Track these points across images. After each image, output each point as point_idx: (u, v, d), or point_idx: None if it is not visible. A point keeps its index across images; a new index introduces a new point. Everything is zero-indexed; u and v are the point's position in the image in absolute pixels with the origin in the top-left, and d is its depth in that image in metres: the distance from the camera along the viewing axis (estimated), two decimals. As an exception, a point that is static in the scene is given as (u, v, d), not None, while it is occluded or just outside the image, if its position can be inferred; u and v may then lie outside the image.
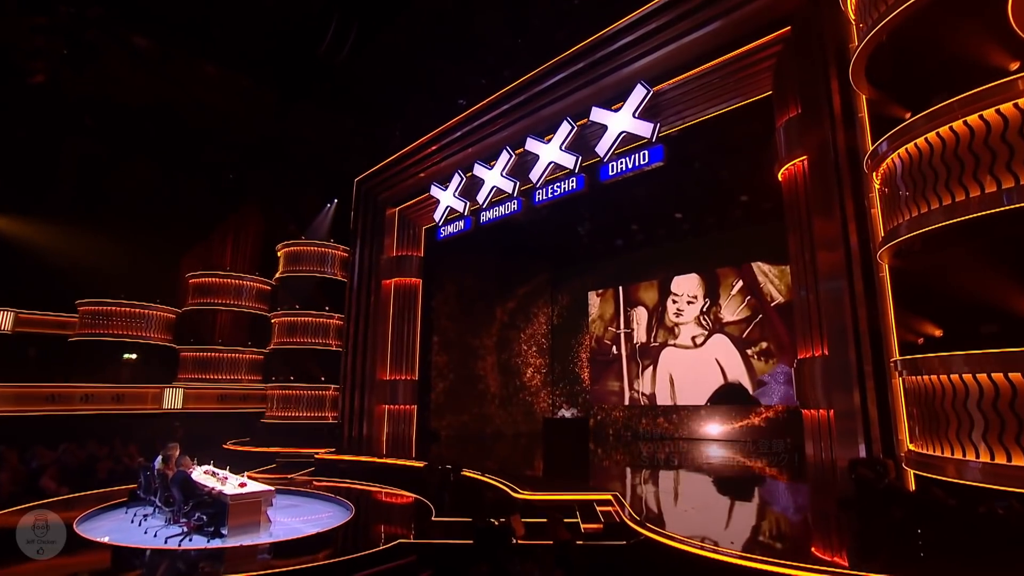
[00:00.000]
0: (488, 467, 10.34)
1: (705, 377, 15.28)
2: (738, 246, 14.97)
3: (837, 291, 7.54)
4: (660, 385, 16.42)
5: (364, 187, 16.86)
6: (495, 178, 13.09)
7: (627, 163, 10.89)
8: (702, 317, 15.70)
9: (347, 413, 15.54)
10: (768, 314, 14.32)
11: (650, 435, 16.15)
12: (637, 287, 17.56)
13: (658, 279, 16.96)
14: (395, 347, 15.39)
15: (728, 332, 15.07)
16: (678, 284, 16.48)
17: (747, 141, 11.81)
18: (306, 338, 16.65)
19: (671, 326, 16.45)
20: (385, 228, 16.32)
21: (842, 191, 7.42)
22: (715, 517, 7.03)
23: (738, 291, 14.96)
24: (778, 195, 12.86)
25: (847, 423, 7.24)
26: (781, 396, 13.56)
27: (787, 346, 13.75)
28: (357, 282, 16.24)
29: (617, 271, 17.91)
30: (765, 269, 14.48)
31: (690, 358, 15.80)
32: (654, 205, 15.23)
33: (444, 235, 14.43)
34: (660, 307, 16.83)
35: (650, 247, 17.02)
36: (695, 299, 15.95)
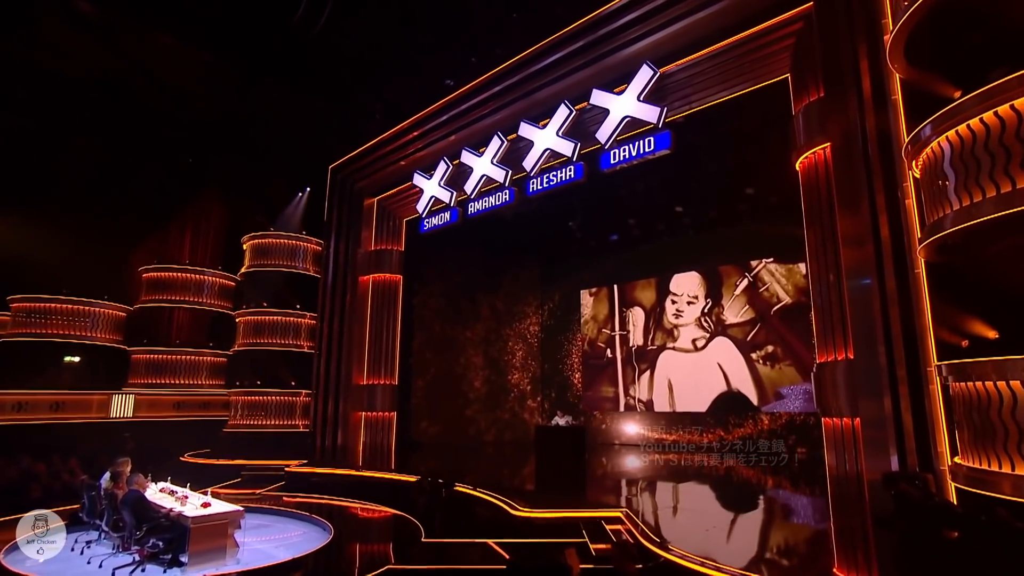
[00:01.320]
0: (480, 480, 9.99)
1: (706, 383, 15.16)
2: (743, 243, 14.89)
3: (865, 290, 7.32)
4: (658, 391, 16.27)
5: (340, 175, 16.43)
6: (485, 166, 12.73)
7: (630, 150, 10.58)
8: (703, 319, 15.59)
9: (320, 421, 15.10)
10: (775, 316, 14.25)
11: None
12: (633, 286, 17.40)
13: (656, 277, 16.83)
14: (373, 349, 15.02)
15: (731, 335, 14.97)
16: (677, 283, 16.36)
17: (757, 129, 11.64)
18: (275, 339, 16.14)
19: (670, 328, 16.32)
20: (363, 220, 15.91)
21: (871, 181, 7.21)
22: (741, 537, 6.74)
23: (742, 291, 14.87)
24: (788, 188, 12.74)
25: (876, 432, 7.03)
26: (798, 409, 13.43)
27: (795, 350, 13.69)
28: (332, 278, 15.81)
29: (612, 268, 17.74)
30: (772, 268, 14.40)
31: (690, 362, 15.68)
32: (652, 198, 15.04)
33: (428, 228, 14.07)
34: (658, 308, 16.70)
35: (648, 243, 16.87)
36: (696, 299, 15.83)
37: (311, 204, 17.45)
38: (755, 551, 6.10)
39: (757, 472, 11.64)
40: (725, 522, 7.53)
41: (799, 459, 12.66)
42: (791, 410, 13.55)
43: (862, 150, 7.33)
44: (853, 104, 7.48)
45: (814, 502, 8.46)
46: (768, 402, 14.05)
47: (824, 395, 8.04)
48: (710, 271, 15.67)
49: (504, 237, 17.21)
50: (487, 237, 17.03)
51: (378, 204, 16.14)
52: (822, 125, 8.24)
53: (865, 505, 7.15)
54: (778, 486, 10.27)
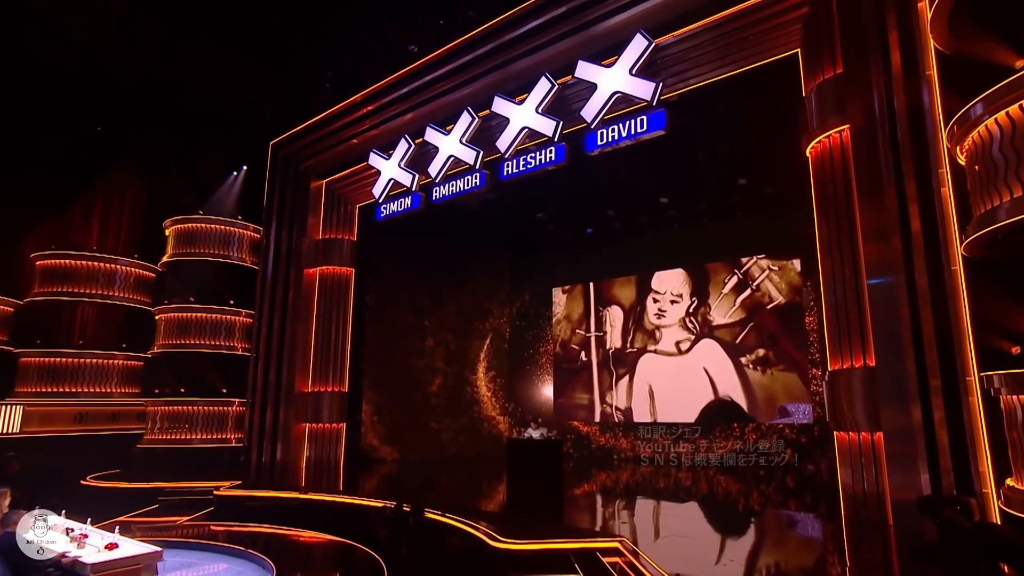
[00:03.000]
0: (447, 502, 9.20)
1: (691, 389, 15.04)
2: (732, 237, 14.83)
3: (889, 288, 7.07)
4: (637, 398, 16.08)
5: (282, 152, 15.65)
6: (453, 146, 12.19)
7: (620, 131, 10.16)
8: (688, 319, 15.47)
9: (257, 434, 14.35)
10: (767, 317, 14.19)
11: (629, 457, 15.75)
12: (611, 283, 17.20)
13: (637, 274, 16.68)
14: (320, 351, 14.47)
15: (719, 337, 14.87)
16: (660, 280, 16.21)
17: (756, 112, 11.46)
18: (203, 339, 15.32)
19: (651, 329, 16.15)
20: (309, 204, 15.23)
21: (900, 167, 6.96)
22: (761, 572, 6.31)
23: (731, 289, 14.80)
24: (785, 178, 12.92)
25: (901, 449, 6.79)
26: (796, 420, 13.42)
27: (789, 354, 13.64)
28: (272, 270, 15.07)
29: (588, 264, 17.53)
30: (764, 264, 14.35)
31: (673, 367, 15.54)
32: (635, 187, 14.71)
33: (385, 215, 13.46)
34: (638, 307, 16.53)
35: (628, 236, 16.69)
36: (680, 298, 15.71)
37: (248, 185, 16.57)
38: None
39: (752, 488, 11.46)
40: (750, 554, 7.12)
41: (799, 474, 12.61)
42: (788, 421, 13.52)
43: (888, 133, 7.07)
44: (879, 81, 7.21)
45: (823, 524, 8.16)
46: (758, 411, 13.97)
47: (838, 407, 7.79)
48: (696, 267, 15.58)
49: (471, 228, 16.77)
50: (452, 227, 16.57)
51: (327, 187, 15.48)
52: (840, 105, 7.99)
53: (889, 530, 6.87)
54: (780, 505, 10.06)
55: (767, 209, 13.98)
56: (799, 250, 13.58)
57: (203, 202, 16.25)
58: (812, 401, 13.13)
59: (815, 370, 13.15)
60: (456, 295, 17.94)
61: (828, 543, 7.36)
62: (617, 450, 16.06)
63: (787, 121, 11.13)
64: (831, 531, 7.66)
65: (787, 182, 12.85)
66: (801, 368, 13.42)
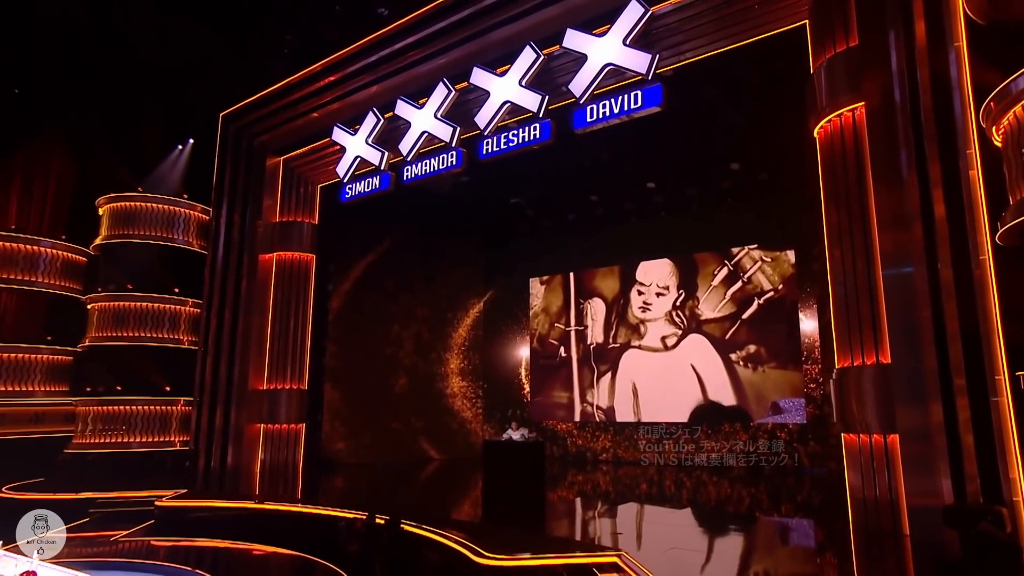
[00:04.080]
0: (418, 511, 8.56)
1: (678, 387, 14.93)
2: (723, 226, 14.73)
3: (907, 280, 6.88)
4: (620, 397, 15.90)
5: (234, 125, 15.12)
6: (427, 121, 11.83)
7: (612, 107, 9.88)
8: (675, 313, 15.34)
9: (205, 436, 13.98)
10: (759, 311, 14.10)
11: (613, 459, 15.64)
12: (593, 274, 17.01)
13: (620, 264, 16.49)
14: (277, 345, 14.13)
15: (707, 332, 14.77)
16: (645, 271, 16.03)
17: (754, 90, 11.30)
18: (143, 331, 14.66)
19: (635, 323, 15.98)
20: (265, 183, 14.79)
21: (922, 148, 6.73)
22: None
23: (721, 282, 14.70)
24: (780, 163, 12.92)
25: (920, 452, 6.63)
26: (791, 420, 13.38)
27: (782, 351, 13.61)
28: (223, 255, 14.64)
29: (568, 253, 17.31)
30: (756, 255, 14.28)
31: (659, 363, 15.40)
32: (620, 170, 14.59)
33: (351, 196, 13.11)
34: (622, 299, 16.34)
35: (612, 224, 16.52)
36: (666, 290, 15.56)
37: (196, 160, 15.93)
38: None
39: (748, 493, 11.34)
40: (745, 568, 6.85)
41: (795, 476, 12.58)
42: (780, 421, 13.47)
43: (909, 112, 6.84)
44: (900, 54, 7.00)
45: (830, 533, 7.98)
46: (749, 410, 13.91)
47: (846, 407, 7.61)
48: (684, 258, 15.43)
49: (443, 213, 16.44)
50: (423, 212, 16.25)
51: (285, 165, 15.01)
52: (853, 81, 7.77)
53: (904, 540, 6.70)
54: (780, 512, 9.94)
55: (761, 196, 13.90)
56: (794, 240, 13.54)
57: (142, 178, 15.51)
58: (805, 400, 13.10)
59: (809, 367, 13.13)
60: (427, 286, 17.61)
61: (840, 555, 7.15)
62: (598, 451, 15.92)
63: (787, 101, 11.00)
64: (840, 541, 7.45)
65: (783, 168, 12.92)
66: (795, 365, 13.38)
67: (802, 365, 13.23)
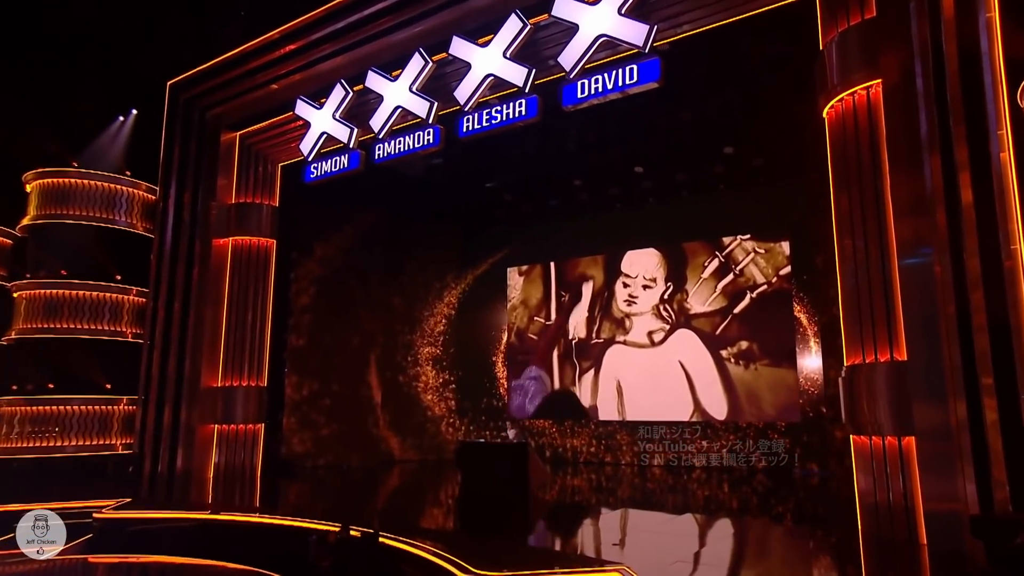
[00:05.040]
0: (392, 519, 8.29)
1: (664, 385, 14.83)
2: (714, 214, 14.62)
3: (927, 271, 6.72)
4: (604, 395, 15.75)
5: (184, 96, 14.58)
6: (401, 95, 11.43)
7: (605, 82, 9.60)
8: (662, 306, 15.19)
9: (151, 439, 13.55)
10: (751, 305, 14.03)
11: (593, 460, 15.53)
12: (575, 264, 16.81)
13: (604, 254, 16.30)
14: (233, 338, 13.78)
15: (696, 327, 14.67)
16: (631, 262, 15.85)
17: (753, 68, 11.16)
18: (80, 323, 14.29)
19: (620, 317, 15.83)
20: (219, 161, 14.33)
21: (947, 130, 6.57)
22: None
23: (711, 274, 14.61)
24: (776, 148, 12.84)
25: (939, 455, 6.49)
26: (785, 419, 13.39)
27: (775, 348, 13.56)
28: (172, 240, 14.17)
29: (549, 242, 17.05)
30: (749, 246, 14.20)
31: (645, 360, 15.26)
32: (606, 153, 14.45)
33: (316, 176, 12.73)
34: (606, 292, 16.16)
35: (596, 211, 16.31)
36: (653, 282, 15.41)
37: (140, 134, 15.40)
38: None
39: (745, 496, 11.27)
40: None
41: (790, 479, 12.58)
42: (774, 420, 13.45)
43: (935, 88, 6.65)
44: (923, 25, 6.81)
45: (839, 541, 7.85)
46: (740, 409, 13.86)
47: (856, 407, 7.46)
48: (672, 248, 15.26)
49: (415, 196, 16.12)
50: (394, 195, 15.91)
51: (242, 141, 14.55)
52: (869, 57, 7.55)
53: (921, 550, 6.56)
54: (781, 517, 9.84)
55: (755, 183, 13.82)
56: (789, 231, 13.50)
57: (78, 152, 14.92)
58: (800, 399, 13.08)
59: (804, 364, 13.11)
60: (397, 275, 17.34)
61: (852, 565, 6.98)
62: (580, 451, 15.80)
63: (788, 80, 10.94)
64: (849, 550, 7.30)
65: (780, 153, 12.86)
66: (789, 363, 13.35)
67: (797, 363, 13.19)
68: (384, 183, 14.79)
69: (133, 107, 15.27)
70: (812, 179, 12.30)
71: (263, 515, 9.75)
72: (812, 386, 12.90)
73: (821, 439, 12.42)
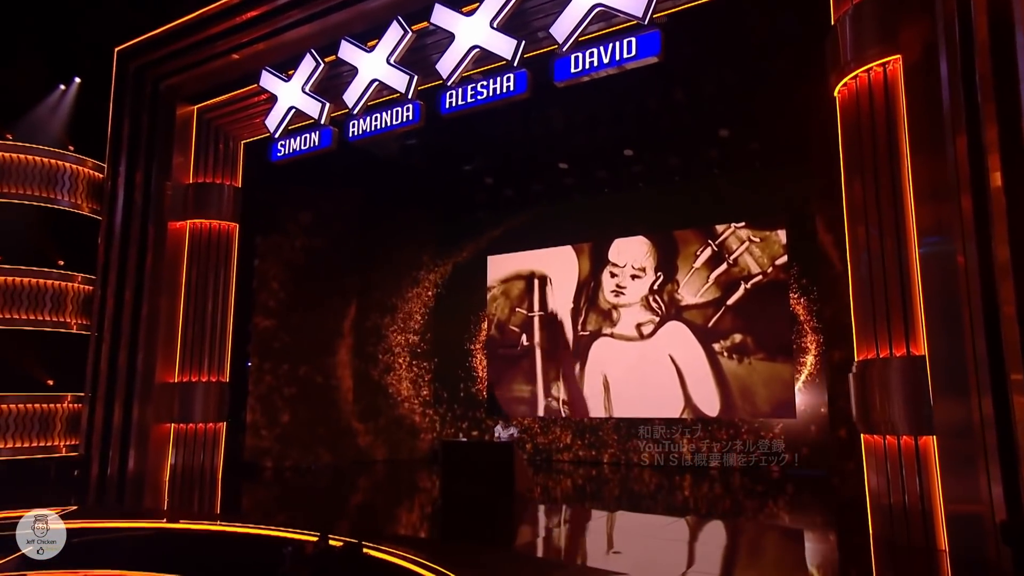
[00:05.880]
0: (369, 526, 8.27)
1: (654, 380, 14.77)
2: (708, 201, 14.57)
3: (949, 259, 6.60)
4: (590, 390, 15.68)
5: (134, 64, 14.12)
6: (378, 67, 11.14)
7: (601, 55, 9.38)
8: (652, 298, 15.13)
9: (99, 439, 13.27)
10: (745, 296, 14.00)
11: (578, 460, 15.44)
12: (559, 252, 16.68)
13: (590, 242, 16.20)
14: (191, 330, 13.53)
15: (688, 319, 14.63)
16: (619, 250, 15.75)
17: (757, 45, 11.02)
18: (17, 312, 13.68)
19: (607, 309, 15.75)
20: (175, 137, 14.03)
21: (975, 109, 6.40)
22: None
23: (704, 263, 14.57)
24: (772, 133, 12.74)
25: (961, 454, 6.39)
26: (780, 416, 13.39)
27: (771, 341, 13.55)
28: (122, 222, 13.78)
29: (531, 229, 16.90)
30: (744, 235, 14.17)
31: (634, 353, 15.21)
32: (595, 135, 14.23)
33: (283, 155, 12.45)
34: (592, 282, 16.06)
35: (582, 196, 16.24)
36: (642, 272, 15.33)
37: (85, 105, 14.83)
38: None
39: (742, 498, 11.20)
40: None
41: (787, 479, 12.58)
42: (768, 418, 13.46)
43: (962, 64, 6.48)
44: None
45: (850, 546, 7.75)
46: (734, 406, 13.86)
47: (869, 404, 7.35)
48: (663, 236, 15.19)
49: (391, 178, 15.95)
50: (368, 176, 15.68)
51: (200, 115, 14.19)
52: (887, 30, 7.40)
53: (939, 556, 6.47)
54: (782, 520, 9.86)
55: (751, 168, 13.77)
56: (785, 218, 13.50)
57: (13, 123, 14.33)
58: (797, 395, 13.10)
59: (801, 359, 13.12)
60: (371, 263, 17.11)
61: (877, 573, 6.87)
62: (563, 450, 15.72)
63: (790, 59, 10.86)
64: (866, 555, 7.19)
65: (778, 137, 12.83)
66: (784, 357, 13.36)
67: (793, 357, 13.20)
68: (356, 164, 14.53)
69: (76, 75, 14.70)
70: (813, 164, 12.26)
71: (227, 523, 9.50)
72: (809, 381, 12.92)
73: (818, 437, 12.45)
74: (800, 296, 13.17)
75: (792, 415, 13.08)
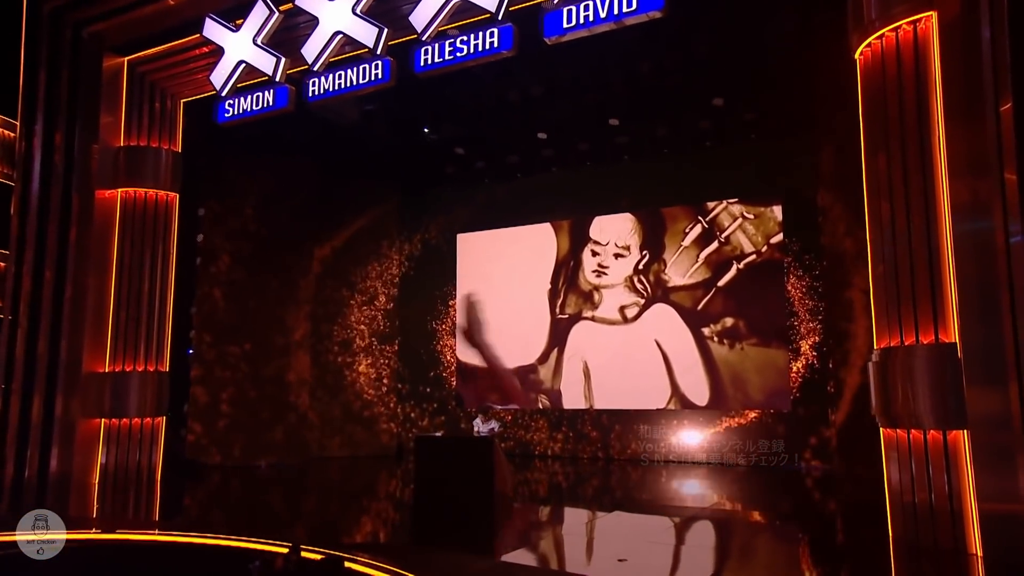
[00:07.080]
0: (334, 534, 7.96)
1: (638, 367, 14.71)
2: (698, 174, 14.47)
3: (987, 237, 6.43)
4: (569, 378, 15.58)
5: (49, 7, 13.36)
6: (342, 18, 10.62)
7: (597, 9, 9.02)
8: (636, 278, 15.04)
9: (14, 436, 12.75)
10: (738, 277, 13.99)
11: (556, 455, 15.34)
12: (536, 230, 16.49)
13: (570, 219, 16.06)
14: (124, 314, 12.97)
15: (675, 301, 14.58)
16: (602, 227, 15.63)
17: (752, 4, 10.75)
18: None
19: (588, 290, 15.65)
20: (102, 93, 13.27)
21: (1021, 71, 6.23)
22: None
23: (693, 242, 14.51)
24: (769, 102, 12.60)
25: (996, 448, 6.30)
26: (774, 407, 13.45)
27: (764, 325, 13.54)
28: (39, 189, 13.13)
29: (505, 204, 16.70)
30: (736, 211, 14.12)
31: (616, 338, 15.14)
32: (577, 102, 13.97)
33: (231, 115, 11.95)
34: (572, 261, 15.93)
35: (561, 169, 16.10)
36: (626, 251, 15.23)
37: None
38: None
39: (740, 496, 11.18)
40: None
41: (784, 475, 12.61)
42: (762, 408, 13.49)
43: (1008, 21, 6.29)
44: None
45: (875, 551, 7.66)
46: (724, 395, 13.88)
47: (891, 396, 7.19)
48: (649, 212, 15.08)
49: (351, 146, 15.51)
50: (325, 143, 15.19)
51: (132, 68, 13.42)
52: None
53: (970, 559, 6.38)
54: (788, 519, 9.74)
55: (745, 140, 13.70)
56: (782, 194, 13.48)
57: None
58: (793, 383, 13.12)
59: (797, 344, 13.14)
60: (328, 237, 16.79)
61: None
62: (540, 443, 15.61)
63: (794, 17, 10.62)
64: (888, 557, 7.07)
65: (775, 106, 12.78)
66: (779, 343, 13.40)
67: (788, 342, 13.24)
68: (312, 130, 14.10)
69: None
70: (814, 135, 12.16)
71: (173, 532, 8.89)
72: (806, 369, 12.96)
73: (816, 429, 12.52)
74: (802, 275, 13.14)
75: (787, 405, 13.16)
